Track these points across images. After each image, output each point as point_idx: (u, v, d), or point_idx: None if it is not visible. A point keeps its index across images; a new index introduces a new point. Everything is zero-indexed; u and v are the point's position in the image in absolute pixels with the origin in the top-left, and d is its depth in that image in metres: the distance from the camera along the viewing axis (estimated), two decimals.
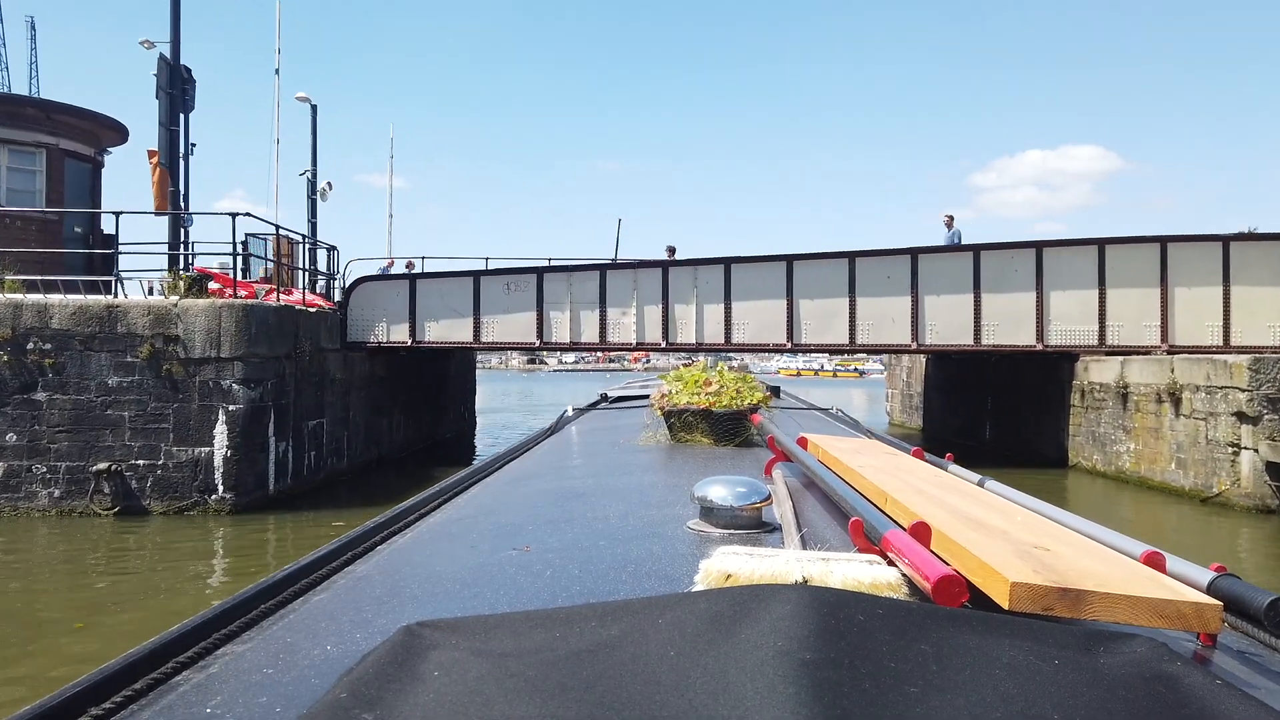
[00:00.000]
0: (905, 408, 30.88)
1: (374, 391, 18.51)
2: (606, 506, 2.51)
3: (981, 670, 1.02)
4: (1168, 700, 1.00)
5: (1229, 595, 1.41)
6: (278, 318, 13.83)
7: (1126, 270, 18.49)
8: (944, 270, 18.67)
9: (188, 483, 12.98)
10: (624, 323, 18.56)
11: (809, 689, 0.91)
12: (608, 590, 1.60)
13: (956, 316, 18.63)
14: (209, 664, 1.40)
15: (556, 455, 4.32)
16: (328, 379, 15.89)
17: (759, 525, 1.98)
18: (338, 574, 1.97)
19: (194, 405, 13.02)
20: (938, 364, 27.07)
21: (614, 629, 1.11)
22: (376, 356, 18.65)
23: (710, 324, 18.59)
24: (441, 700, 0.97)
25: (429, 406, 23.11)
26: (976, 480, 2.43)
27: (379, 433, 18.87)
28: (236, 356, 13.09)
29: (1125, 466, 16.83)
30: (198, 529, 12.71)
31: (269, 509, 13.56)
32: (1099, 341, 18.49)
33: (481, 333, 18.42)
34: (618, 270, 18.82)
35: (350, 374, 17.16)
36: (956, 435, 24.86)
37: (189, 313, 13.08)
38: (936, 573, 1.30)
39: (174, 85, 17.27)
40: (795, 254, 18.68)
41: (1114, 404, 17.18)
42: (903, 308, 18.59)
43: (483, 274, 18.73)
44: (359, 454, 17.59)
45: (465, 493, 3.19)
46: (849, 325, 18.59)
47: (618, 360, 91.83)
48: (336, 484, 16.34)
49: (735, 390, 4.15)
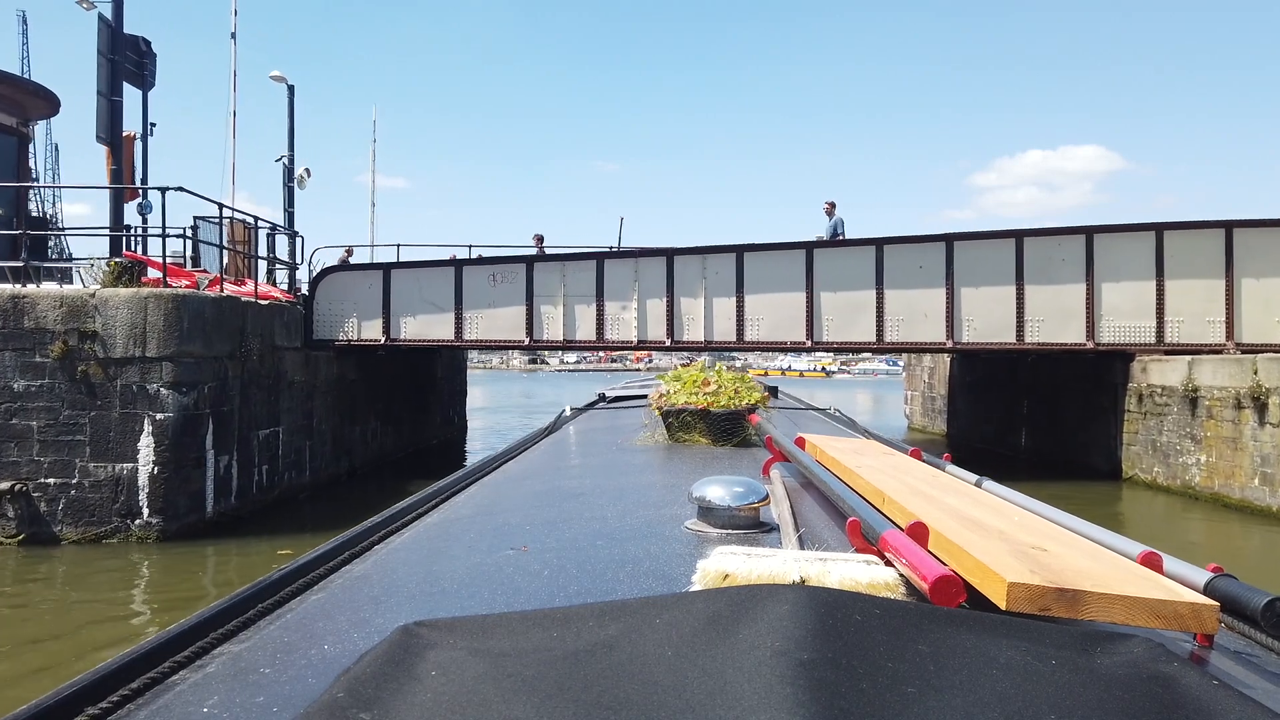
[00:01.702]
0: (927, 411, 28.72)
1: (344, 395, 16.51)
2: (604, 506, 2.52)
3: (979, 670, 1.02)
4: (1164, 701, 0.99)
5: (1226, 596, 1.41)
6: (217, 311, 11.80)
7: (1187, 259, 16.46)
8: (983, 259, 16.65)
9: (107, 505, 10.98)
10: (624, 318, 16.55)
11: (806, 689, 0.91)
12: (605, 590, 1.60)
13: (997, 311, 16.61)
14: (206, 663, 1.38)
15: (554, 455, 4.30)
16: (284, 382, 13.89)
17: (757, 525, 1.97)
18: (335, 574, 1.96)
19: (114, 414, 11.02)
20: (963, 363, 25.01)
21: (611, 629, 1.11)
22: (347, 356, 16.66)
23: (720, 320, 16.57)
24: (439, 700, 0.97)
25: (412, 411, 21.10)
26: (974, 480, 2.42)
27: (350, 442, 16.87)
28: (165, 356, 11.08)
29: (1194, 481, 14.78)
30: (118, 560, 10.74)
31: (207, 535, 11.56)
32: (1156, 339, 16.48)
33: (464, 329, 16.42)
34: (617, 259, 16.79)
35: (314, 376, 15.16)
36: (987, 442, 22.79)
37: (109, 304, 11.08)
38: (934, 573, 1.30)
39: (116, 50, 15.27)
40: (815, 241, 16.67)
41: (1180, 410, 15.14)
42: (936, 301, 16.57)
43: (465, 263, 16.74)
44: (325, 466, 15.59)
45: (463, 492, 3.18)
46: (876, 321, 16.57)
47: (619, 360, 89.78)
48: (296, 502, 14.35)
49: (733, 390, 4.13)
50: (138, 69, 16.76)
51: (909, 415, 30.65)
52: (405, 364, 20.20)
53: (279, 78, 24.48)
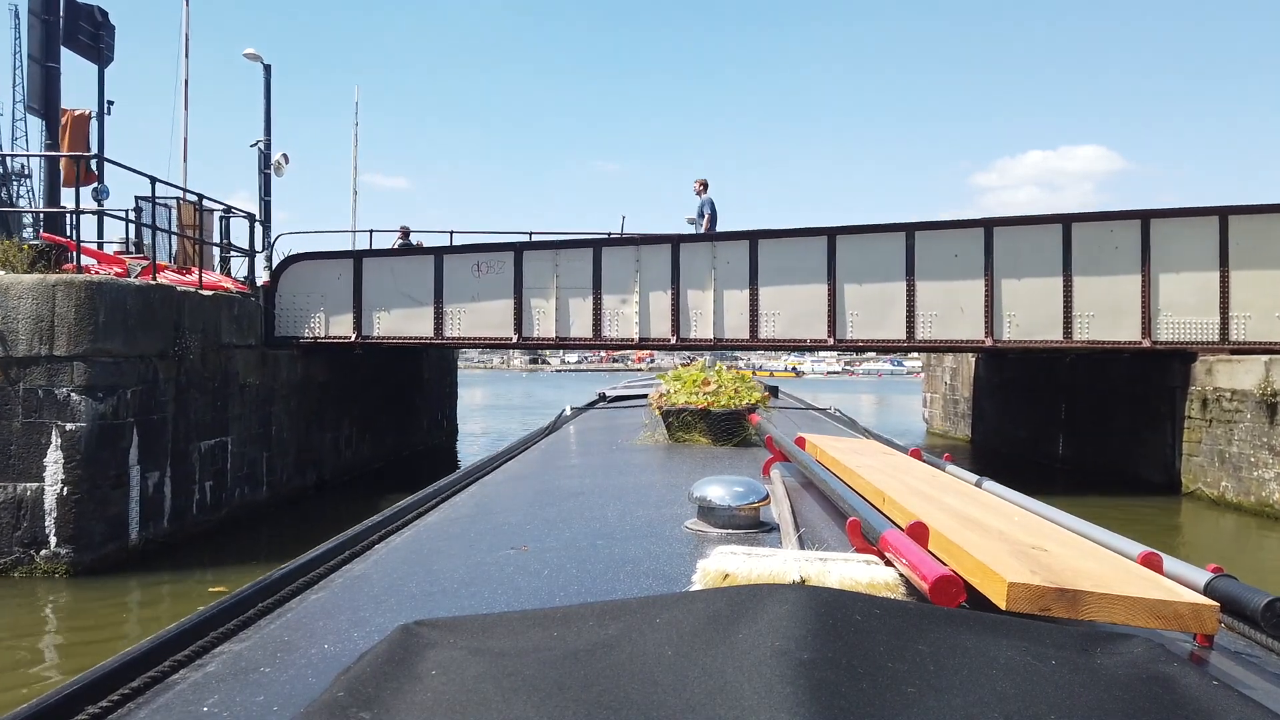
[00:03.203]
0: (948, 414, 26.85)
1: (311, 399, 14.75)
2: (604, 506, 2.51)
3: (979, 670, 1.01)
4: (1164, 701, 0.98)
5: (1226, 596, 1.39)
6: (143, 302, 10.02)
7: (1255, 247, 14.65)
8: (1025, 247, 14.86)
9: (5, 533, 9.22)
10: (624, 313, 14.79)
11: (806, 689, 0.90)
12: (605, 590, 1.60)
13: (1041, 306, 14.82)
14: (206, 663, 1.37)
15: (554, 454, 4.29)
16: (235, 385, 12.13)
17: (757, 525, 1.97)
18: (335, 573, 1.95)
19: (15, 424, 9.26)
20: (990, 362, 23.20)
21: (612, 629, 1.11)
22: (315, 355, 14.90)
23: (732, 314, 14.80)
24: (439, 699, 0.96)
25: (394, 416, 19.34)
26: (974, 480, 2.41)
27: (319, 451, 15.10)
28: (77, 355, 9.32)
29: (1273, 497, 12.98)
30: (19, 597, 8.99)
31: (130, 567, 9.79)
32: (1220, 337, 14.69)
33: (445, 325, 14.65)
34: (616, 247, 15.01)
35: (273, 378, 13.40)
36: (1018, 449, 20.99)
37: (10, 294, 9.31)
38: (934, 573, 1.28)
39: (49, 11, 13.55)
40: (839, 226, 14.89)
41: (1254, 416, 13.34)
42: (974, 295, 14.79)
43: (447, 251, 14.96)
44: (287, 480, 13.84)
45: (463, 492, 3.15)
46: (906, 316, 14.79)
47: (621, 360, 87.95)
48: (251, 521, 12.59)
49: (733, 390, 4.14)
50: (93, 41, 15.02)
51: (928, 419, 28.78)
52: (386, 364, 18.45)
53: (253, 55, 22.67)
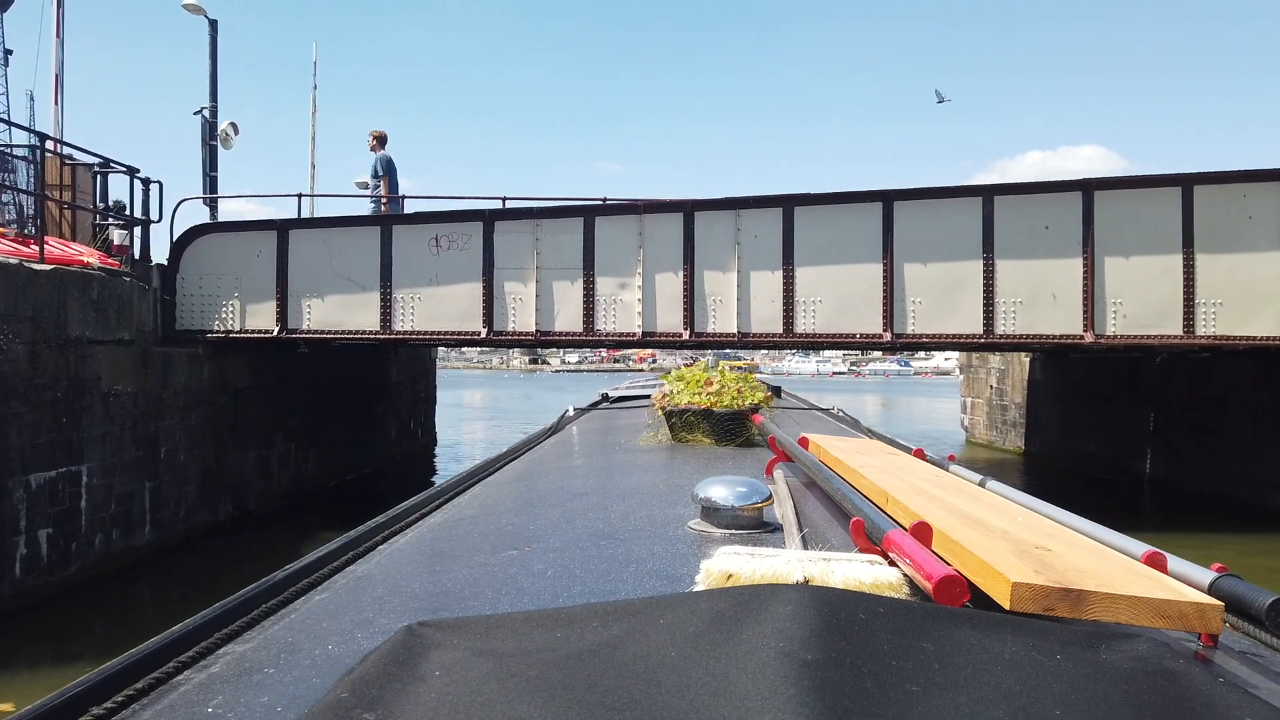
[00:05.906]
0: (994, 422, 23.52)
1: (225, 410, 11.59)
2: (607, 507, 2.51)
3: (984, 668, 1.00)
4: (1169, 699, 0.98)
5: (1230, 595, 1.39)
6: None
7: None
8: (1134, 217, 11.66)
9: None
10: (624, 301, 11.61)
11: (810, 689, 0.90)
12: (609, 590, 1.61)
13: (1154, 291, 11.64)
14: (210, 663, 1.37)
15: (557, 455, 4.28)
16: (94, 394, 8.97)
17: (760, 525, 1.97)
18: (339, 574, 1.94)
19: None
20: (1048, 362, 20.00)
21: (615, 629, 1.11)
22: (230, 354, 11.75)
23: (760, 302, 11.63)
24: (443, 700, 0.96)
25: (350, 426, 16.18)
26: (978, 480, 2.39)
27: (238, 475, 11.94)
28: None
29: None
30: None
31: None
32: None
33: (394, 317, 11.48)
34: (614, 215, 11.80)
35: (162, 384, 10.23)
36: (1089, 466, 17.75)
37: None
38: (938, 573, 1.28)
39: None
40: (898, 189, 11.71)
41: None
42: (1069, 277, 11.61)
43: (395, 220, 11.78)
44: (186, 515, 10.68)
45: (466, 492, 3.13)
46: (983, 304, 11.61)
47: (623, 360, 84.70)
48: (125, 576, 9.45)
49: (736, 390, 4.12)
50: None
51: (968, 427, 25.43)
52: (339, 364, 15.30)
53: (194, 7, 19.53)
